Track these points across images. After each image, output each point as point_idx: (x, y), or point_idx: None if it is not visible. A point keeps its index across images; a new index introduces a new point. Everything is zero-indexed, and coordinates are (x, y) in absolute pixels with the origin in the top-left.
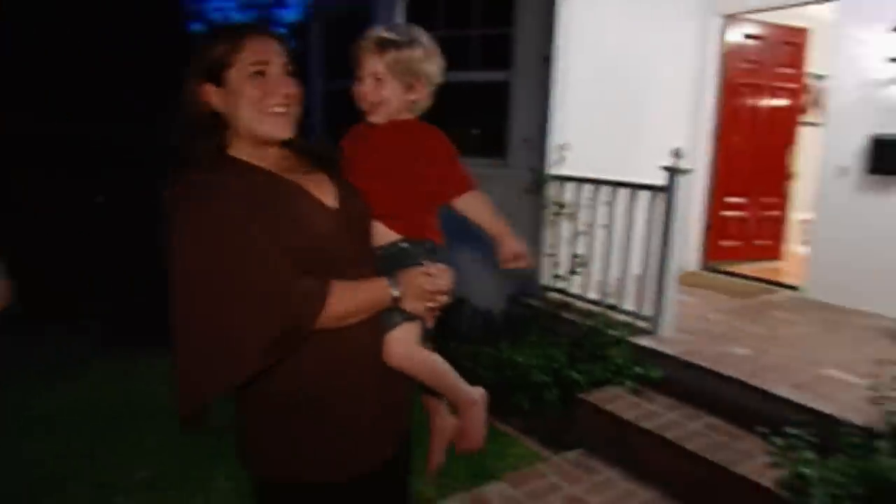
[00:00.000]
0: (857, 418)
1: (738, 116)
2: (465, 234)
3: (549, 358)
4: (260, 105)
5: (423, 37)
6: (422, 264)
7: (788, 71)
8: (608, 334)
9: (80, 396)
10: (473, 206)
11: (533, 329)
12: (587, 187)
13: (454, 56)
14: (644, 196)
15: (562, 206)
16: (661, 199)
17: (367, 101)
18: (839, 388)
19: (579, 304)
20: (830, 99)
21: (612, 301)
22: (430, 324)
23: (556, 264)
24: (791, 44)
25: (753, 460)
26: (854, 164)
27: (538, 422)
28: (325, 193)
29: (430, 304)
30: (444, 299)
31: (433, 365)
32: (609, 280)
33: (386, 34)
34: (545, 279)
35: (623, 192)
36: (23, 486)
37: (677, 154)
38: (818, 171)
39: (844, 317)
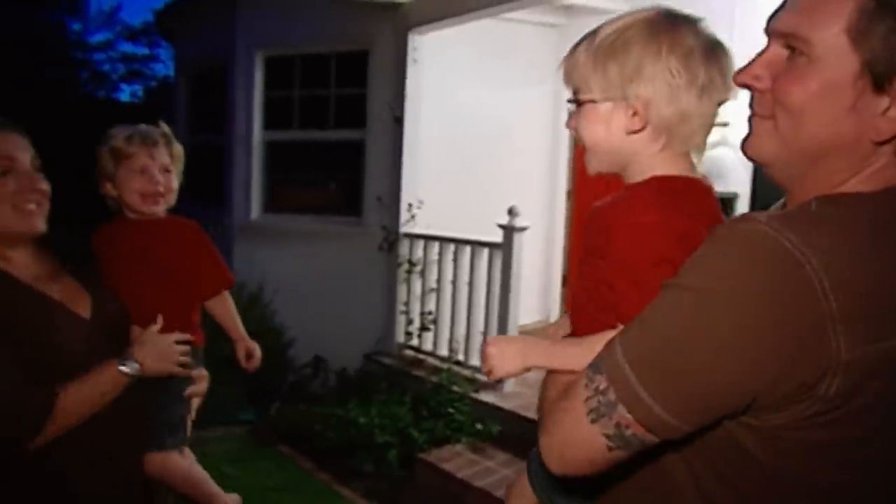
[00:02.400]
0: None
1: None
2: (326, 291)
3: (394, 417)
4: (14, 201)
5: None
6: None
7: None
8: (453, 391)
9: None
10: (222, 306)
11: (383, 387)
12: (436, 245)
13: (311, 115)
14: (485, 253)
15: (413, 263)
16: (498, 255)
17: (158, 193)
18: None
19: (431, 360)
20: None
21: (460, 357)
22: (190, 413)
23: (409, 321)
24: None
25: None
26: None
27: (381, 483)
28: (77, 301)
29: (174, 362)
30: (185, 359)
31: (189, 475)
32: (457, 336)
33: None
34: (399, 336)
35: (467, 249)
36: None
37: (511, 212)
38: None
39: None
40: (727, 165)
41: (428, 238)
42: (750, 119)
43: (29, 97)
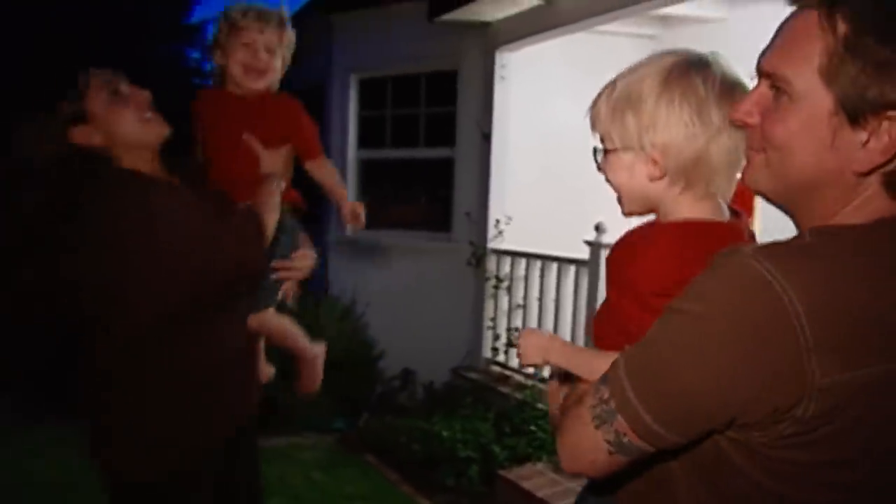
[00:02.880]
0: None
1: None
2: (415, 305)
3: (477, 432)
4: (134, 114)
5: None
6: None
7: None
8: (537, 408)
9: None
10: (321, 170)
11: (468, 402)
12: (523, 261)
13: (403, 133)
14: (572, 270)
15: (500, 279)
16: (585, 272)
17: (258, 69)
18: None
19: (517, 377)
20: None
21: (545, 374)
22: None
23: (496, 337)
24: None
25: None
26: None
27: (461, 498)
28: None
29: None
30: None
31: (281, 328)
32: None
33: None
34: (486, 352)
35: (554, 266)
36: None
37: (599, 228)
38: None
39: None
40: None
41: (515, 254)
42: (746, 152)
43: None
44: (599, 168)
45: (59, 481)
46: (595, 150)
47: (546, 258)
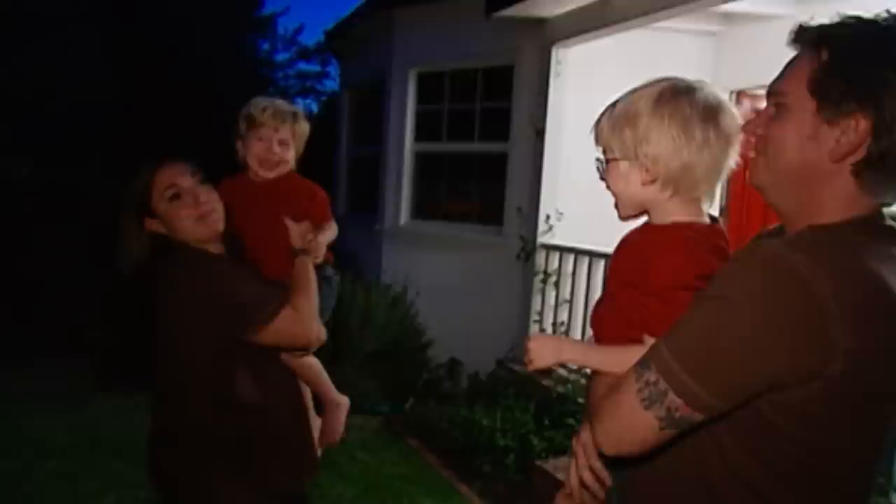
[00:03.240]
0: None
1: (747, 198)
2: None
3: (516, 423)
4: (192, 216)
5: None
6: None
7: None
8: (577, 402)
9: (77, 426)
10: None
11: (510, 393)
12: (571, 256)
13: (459, 128)
14: None
15: (548, 274)
16: None
17: (272, 161)
18: None
19: (559, 371)
20: None
21: (587, 370)
22: None
23: (542, 330)
24: None
25: None
26: None
27: (498, 484)
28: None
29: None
30: None
31: (316, 368)
32: None
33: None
34: None
35: (602, 263)
36: None
37: None
38: None
39: None
40: None
41: (564, 249)
42: (753, 160)
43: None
44: (601, 176)
45: (129, 442)
46: (598, 160)
47: (594, 254)
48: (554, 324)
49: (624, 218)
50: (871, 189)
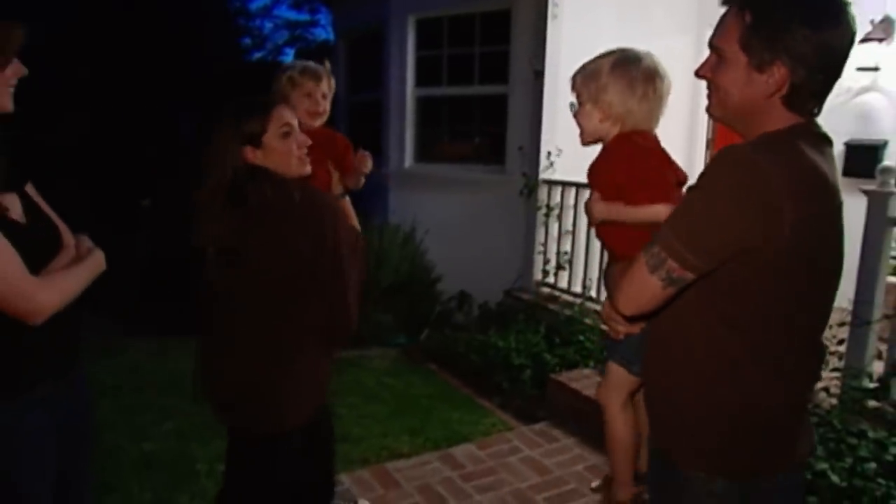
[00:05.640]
0: None
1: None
2: (471, 232)
3: (529, 343)
4: (298, 154)
5: None
6: None
7: None
8: (584, 322)
9: (119, 369)
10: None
11: (520, 318)
12: (572, 190)
13: (458, 72)
14: None
15: (550, 208)
16: None
17: (318, 113)
18: None
19: (565, 296)
20: None
21: (592, 293)
22: None
23: (546, 261)
24: None
25: None
26: None
27: (515, 399)
28: None
29: None
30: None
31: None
32: (590, 274)
33: None
34: (537, 275)
35: None
36: None
37: None
38: None
39: None
40: (876, 111)
41: (565, 184)
42: (708, 97)
43: (200, 63)
44: (573, 114)
45: (172, 380)
46: (571, 104)
47: None
48: (557, 253)
49: (585, 143)
50: (798, 108)
